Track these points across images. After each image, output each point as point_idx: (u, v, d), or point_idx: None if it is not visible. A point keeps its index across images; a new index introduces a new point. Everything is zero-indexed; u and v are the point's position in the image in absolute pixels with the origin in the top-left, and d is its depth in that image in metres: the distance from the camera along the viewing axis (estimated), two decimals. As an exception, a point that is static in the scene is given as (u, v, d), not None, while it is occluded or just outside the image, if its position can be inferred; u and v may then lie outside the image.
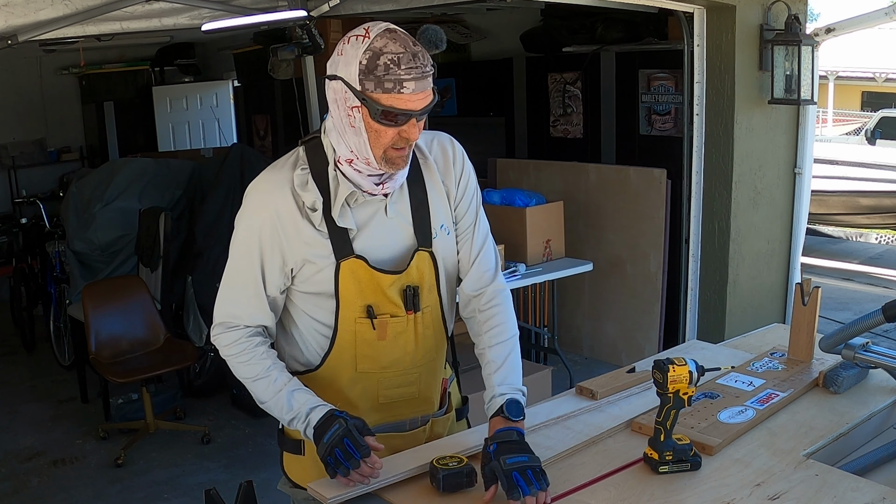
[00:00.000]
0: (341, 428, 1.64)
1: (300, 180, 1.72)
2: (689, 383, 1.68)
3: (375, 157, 1.66)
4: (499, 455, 1.63)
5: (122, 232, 5.63)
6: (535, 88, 6.27)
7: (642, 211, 5.19)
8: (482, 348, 1.86)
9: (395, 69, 1.56)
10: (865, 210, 9.13)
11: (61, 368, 5.74)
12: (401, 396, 1.85)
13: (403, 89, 1.57)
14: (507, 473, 1.59)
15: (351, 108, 1.63)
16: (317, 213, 1.71)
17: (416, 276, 1.78)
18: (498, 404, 1.75)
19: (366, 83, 1.58)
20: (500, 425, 1.72)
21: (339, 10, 4.87)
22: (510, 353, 1.84)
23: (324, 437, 1.65)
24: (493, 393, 1.78)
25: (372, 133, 1.63)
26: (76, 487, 4.11)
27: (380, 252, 1.76)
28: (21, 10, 3.80)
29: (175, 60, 8.79)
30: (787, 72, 4.16)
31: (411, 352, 1.81)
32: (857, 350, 2.07)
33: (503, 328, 1.86)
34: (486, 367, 1.83)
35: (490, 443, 1.67)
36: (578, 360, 5.62)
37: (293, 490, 1.91)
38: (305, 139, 1.79)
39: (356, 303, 1.75)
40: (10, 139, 8.37)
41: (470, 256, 1.88)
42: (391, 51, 1.57)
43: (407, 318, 1.78)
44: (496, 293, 1.89)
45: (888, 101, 15.97)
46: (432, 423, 1.92)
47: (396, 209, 1.77)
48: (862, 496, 1.57)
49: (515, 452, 1.64)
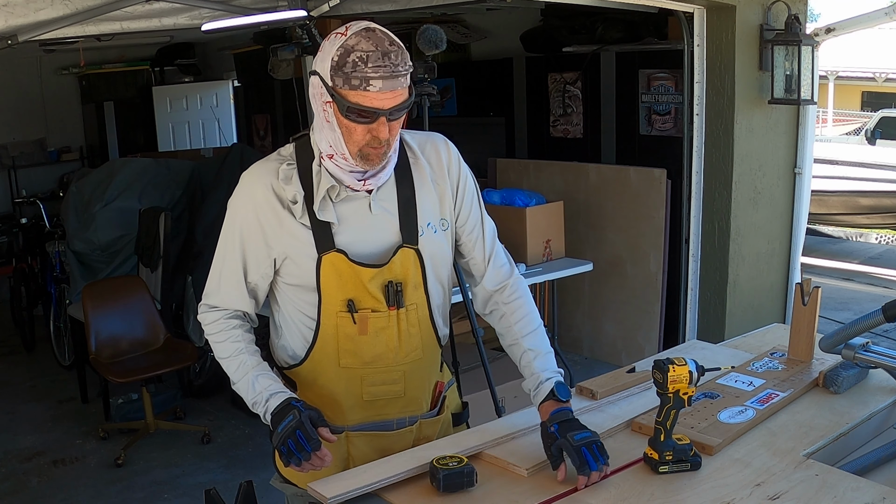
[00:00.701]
0: (294, 419, 1.68)
1: (285, 174, 1.76)
2: (689, 383, 1.68)
3: (350, 153, 1.69)
4: (564, 433, 1.68)
5: (122, 232, 5.63)
6: (535, 88, 6.27)
7: (642, 211, 5.19)
8: (515, 339, 1.89)
9: (363, 66, 1.59)
10: (865, 210, 9.14)
11: (61, 368, 5.74)
12: (385, 394, 1.85)
13: (370, 87, 1.60)
14: (576, 450, 1.65)
15: (325, 104, 1.67)
16: (297, 205, 1.74)
17: (399, 272, 1.79)
18: (548, 388, 1.79)
19: (335, 79, 1.62)
20: (554, 407, 1.76)
21: (339, 10, 4.87)
22: (543, 339, 1.89)
23: (279, 426, 1.69)
24: (539, 380, 1.82)
25: (344, 129, 1.67)
26: (76, 487, 4.11)
27: (362, 247, 1.77)
28: (21, 10, 3.80)
29: (175, 60, 8.79)
30: (787, 72, 4.16)
31: (394, 348, 1.82)
32: (857, 350, 2.06)
33: (532, 317, 1.91)
34: (525, 356, 1.86)
35: (550, 424, 1.72)
36: (578, 360, 5.62)
37: (283, 486, 1.93)
38: (297, 136, 1.83)
39: (337, 297, 1.77)
40: (10, 139, 8.37)
41: (484, 255, 1.92)
42: (362, 49, 1.60)
43: (389, 314, 1.79)
44: (517, 285, 1.94)
45: (888, 101, 15.98)
46: (421, 425, 1.91)
47: (382, 206, 1.79)
48: (862, 496, 1.57)
49: (579, 429, 1.69)
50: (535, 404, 1.82)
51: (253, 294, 1.84)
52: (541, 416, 1.78)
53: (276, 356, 1.92)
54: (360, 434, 1.84)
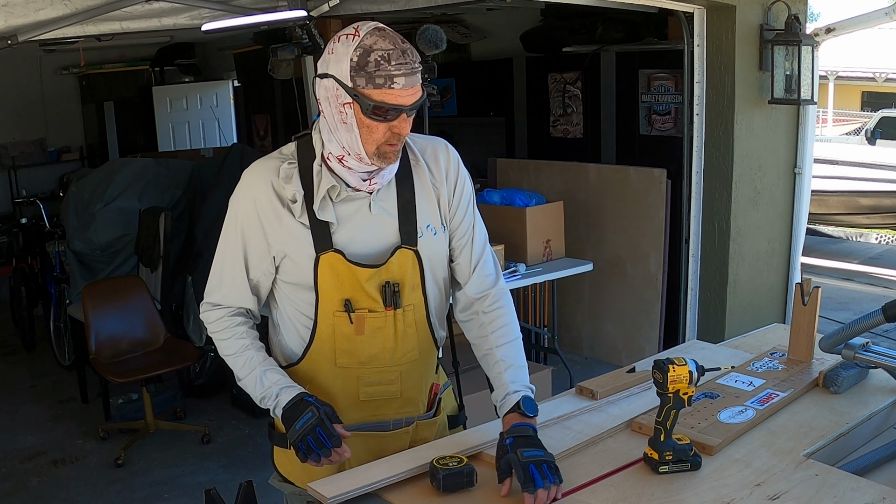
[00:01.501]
0: (314, 417, 1.68)
1: (286, 173, 1.76)
2: (689, 383, 1.68)
3: (368, 152, 1.69)
4: (515, 448, 1.65)
5: (122, 232, 5.63)
6: (535, 88, 6.28)
7: (642, 211, 5.19)
8: (489, 348, 1.87)
9: (386, 65, 1.60)
10: (865, 210, 9.14)
11: (61, 368, 5.74)
12: (381, 395, 1.85)
13: (394, 84, 1.61)
14: (523, 466, 1.61)
15: (343, 105, 1.66)
16: (297, 204, 1.75)
17: (396, 272, 1.79)
18: (513, 401, 1.77)
19: (357, 80, 1.62)
20: (516, 420, 1.74)
21: (339, 10, 4.87)
22: (518, 352, 1.87)
23: (295, 422, 1.69)
24: (506, 391, 1.80)
25: (364, 129, 1.66)
26: (76, 487, 4.11)
27: (360, 247, 1.78)
28: (21, 10, 3.80)
29: (175, 60, 8.80)
30: (787, 72, 4.16)
31: (390, 349, 1.82)
32: (857, 350, 2.06)
33: (509, 329, 1.89)
34: (496, 367, 1.85)
35: (506, 436, 1.70)
36: (578, 360, 5.62)
37: (282, 484, 1.93)
38: (299, 135, 1.83)
39: (334, 296, 1.77)
40: (10, 139, 8.38)
41: (471, 261, 1.91)
42: (381, 48, 1.61)
43: (386, 315, 1.79)
44: (500, 295, 1.92)
45: (888, 101, 15.98)
46: (417, 426, 1.91)
47: (382, 206, 1.80)
48: (862, 496, 1.57)
49: (532, 446, 1.66)
50: (499, 416, 1.80)
51: (255, 291, 1.85)
52: (503, 428, 1.75)
53: (274, 355, 1.92)
54: (357, 434, 1.83)
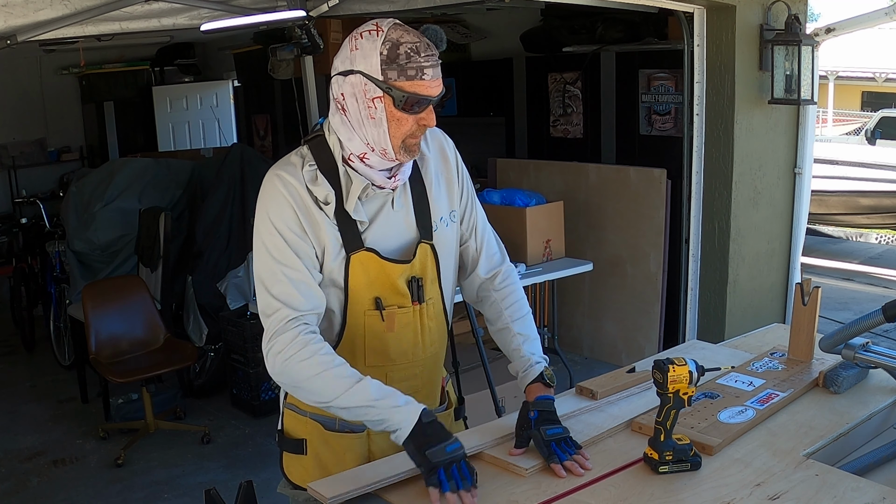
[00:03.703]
0: (462, 448, 1.64)
1: (309, 176, 1.75)
2: (689, 383, 1.68)
3: (394, 146, 1.71)
4: (539, 424, 1.76)
5: (122, 232, 5.63)
6: (535, 88, 6.27)
7: (642, 211, 5.19)
8: (505, 324, 1.94)
9: (416, 57, 1.64)
10: (865, 210, 9.13)
11: (61, 368, 5.74)
12: (406, 390, 1.82)
13: (424, 76, 1.65)
14: (546, 444, 1.73)
15: (372, 100, 1.67)
16: (329, 206, 1.74)
17: (419, 267, 1.82)
18: (537, 371, 1.86)
19: (388, 72, 1.64)
20: (540, 392, 1.83)
21: (339, 10, 4.88)
22: (531, 325, 1.96)
23: (439, 443, 1.62)
24: (529, 362, 1.88)
25: (393, 122, 1.68)
26: (76, 487, 4.11)
27: (387, 244, 1.79)
28: (21, 10, 3.81)
29: (175, 60, 8.79)
30: (787, 72, 4.15)
31: (418, 343, 1.85)
32: (857, 350, 2.06)
33: (521, 303, 1.97)
34: (514, 340, 1.92)
35: (531, 409, 1.79)
36: (578, 360, 5.62)
37: (294, 492, 1.90)
38: (308, 138, 1.82)
39: (365, 295, 1.77)
40: (10, 139, 8.37)
41: (477, 243, 1.97)
42: (408, 41, 1.65)
43: (413, 310, 1.82)
44: (508, 272, 1.99)
45: (888, 101, 15.98)
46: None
47: (401, 202, 1.82)
48: (862, 496, 1.57)
49: (553, 423, 1.77)
50: (521, 386, 1.88)
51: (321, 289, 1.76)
52: (526, 397, 1.84)
53: None
54: (383, 432, 1.76)
